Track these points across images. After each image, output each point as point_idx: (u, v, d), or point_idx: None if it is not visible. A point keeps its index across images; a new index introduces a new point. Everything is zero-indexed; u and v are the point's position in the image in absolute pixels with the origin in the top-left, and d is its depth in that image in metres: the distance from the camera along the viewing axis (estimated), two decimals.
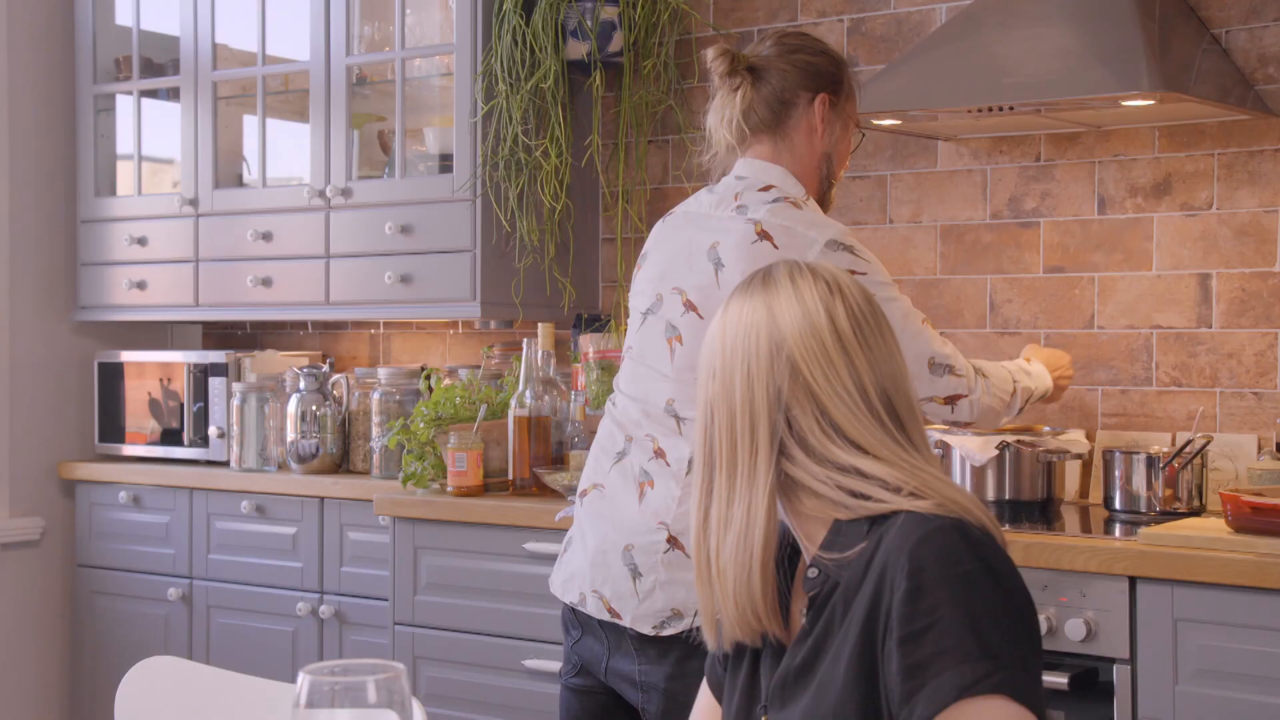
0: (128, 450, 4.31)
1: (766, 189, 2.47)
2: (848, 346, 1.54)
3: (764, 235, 2.39)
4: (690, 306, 2.43)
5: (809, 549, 1.56)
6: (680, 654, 2.36)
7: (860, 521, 1.51)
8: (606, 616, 2.41)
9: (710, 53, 2.51)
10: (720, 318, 1.60)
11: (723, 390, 1.56)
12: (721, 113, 2.53)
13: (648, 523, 2.39)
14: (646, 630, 2.37)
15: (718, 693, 1.68)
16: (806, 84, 2.52)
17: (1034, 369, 2.81)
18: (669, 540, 2.37)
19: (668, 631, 2.36)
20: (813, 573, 1.54)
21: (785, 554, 1.62)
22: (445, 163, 3.76)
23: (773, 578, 1.54)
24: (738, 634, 1.56)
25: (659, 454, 2.41)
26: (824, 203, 2.57)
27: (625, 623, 2.38)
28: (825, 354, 1.53)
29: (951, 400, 2.49)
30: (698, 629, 2.33)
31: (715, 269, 2.42)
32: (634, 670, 2.40)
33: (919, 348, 2.45)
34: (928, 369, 2.46)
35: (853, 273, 2.37)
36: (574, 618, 2.48)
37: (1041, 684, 1.43)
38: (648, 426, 2.43)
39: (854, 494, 1.50)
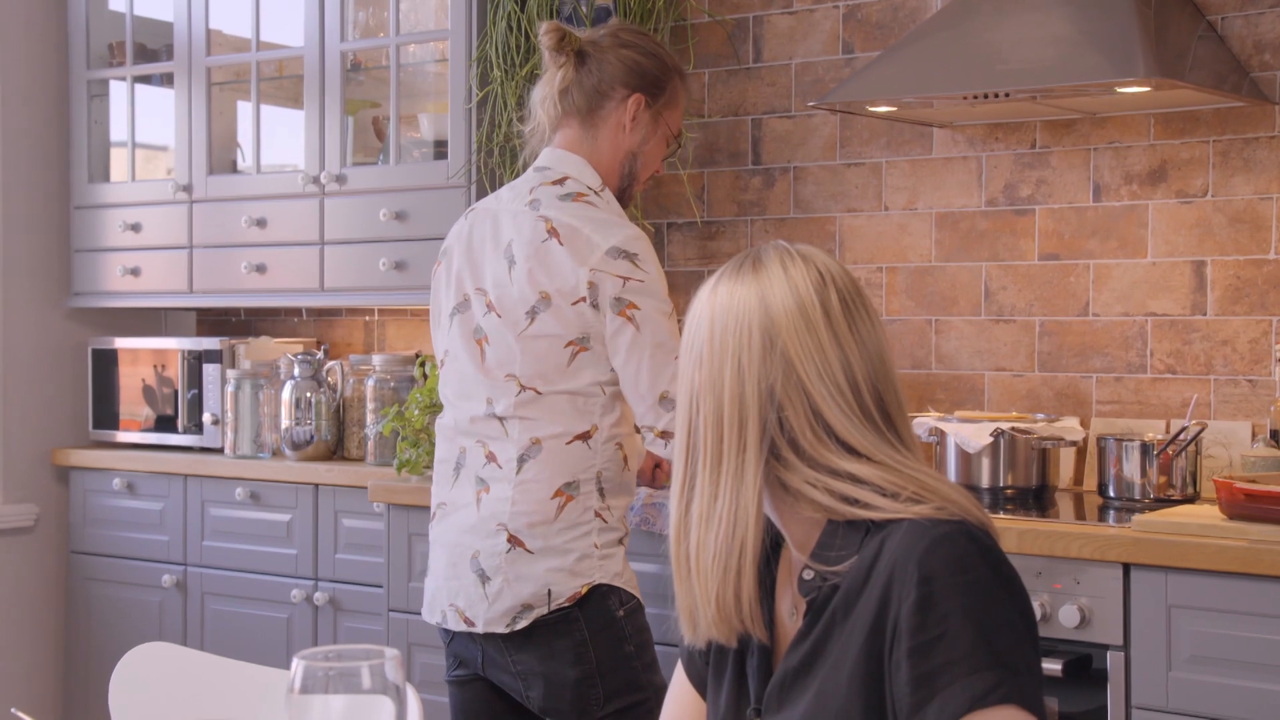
0: (122, 437, 4.30)
1: (560, 181, 2.50)
2: (841, 340, 1.50)
3: (552, 233, 2.43)
4: (491, 307, 2.48)
5: (800, 550, 1.53)
6: (544, 636, 2.43)
7: (857, 524, 1.48)
8: (463, 627, 2.48)
9: (544, 25, 2.56)
10: (707, 300, 1.54)
11: (709, 381, 1.50)
12: (544, 89, 2.58)
13: (488, 527, 2.45)
14: (500, 630, 2.44)
15: (697, 685, 1.67)
16: (626, 81, 2.55)
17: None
18: (509, 540, 2.43)
19: (520, 625, 2.43)
20: (808, 575, 1.50)
21: (765, 552, 1.59)
22: (440, 149, 3.75)
23: (757, 579, 1.50)
24: (715, 634, 1.52)
25: (490, 458, 2.47)
26: (624, 199, 2.60)
27: (479, 629, 2.45)
28: (820, 349, 1.48)
29: (666, 435, 2.43)
30: (554, 612, 2.40)
31: (509, 266, 2.46)
32: (508, 662, 2.46)
33: (658, 380, 2.41)
34: (657, 401, 2.42)
35: (628, 279, 2.39)
36: (444, 631, 2.57)
37: (1042, 685, 1.43)
38: (476, 432, 2.49)
39: (848, 500, 1.47)
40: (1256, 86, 3.05)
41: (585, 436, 2.44)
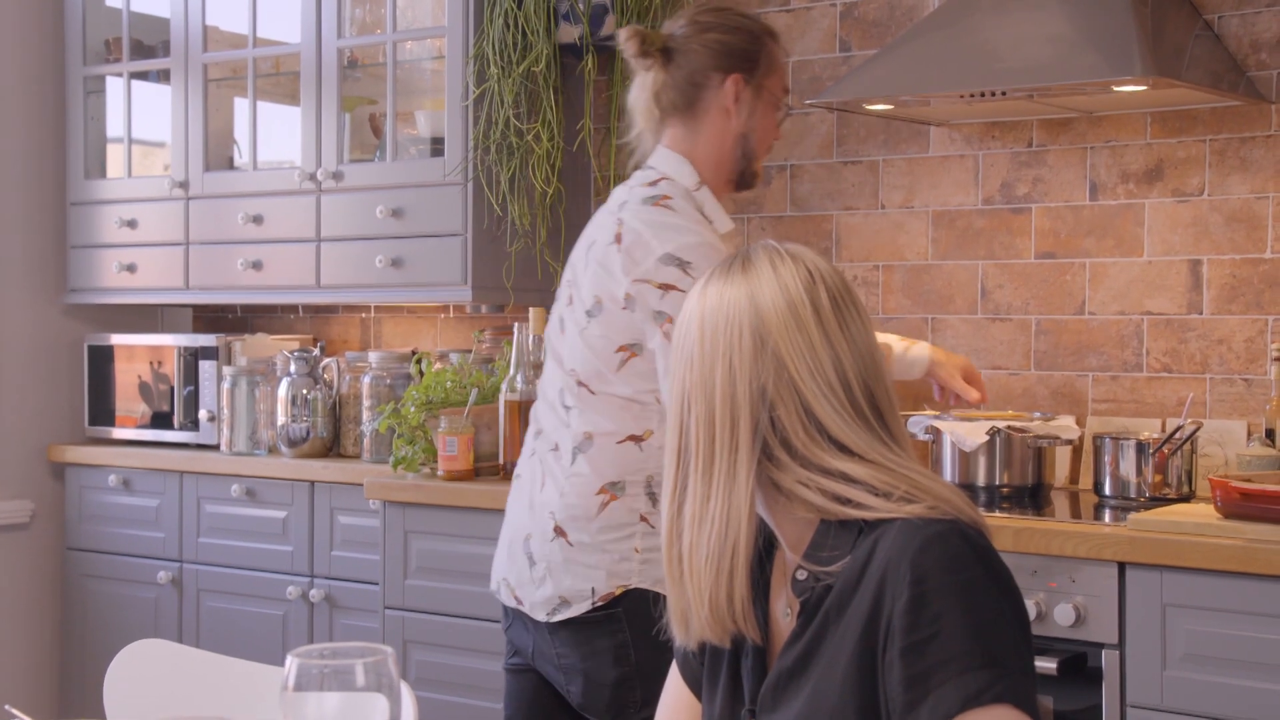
0: (118, 433, 4.30)
1: (656, 182, 2.46)
2: (832, 338, 1.50)
3: (617, 238, 2.40)
4: (570, 301, 2.49)
5: (793, 550, 1.53)
6: (588, 634, 2.43)
7: (850, 524, 1.48)
8: (514, 603, 2.48)
9: (622, 33, 2.48)
10: (696, 301, 1.54)
11: (700, 381, 1.50)
12: (637, 94, 2.52)
13: (542, 513, 2.45)
14: (540, 617, 2.44)
15: (692, 685, 1.67)
16: (718, 64, 2.47)
17: None
18: (555, 530, 2.42)
19: (557, 618, 2.43)
20: (801, 575, 1.50)
21: (759, 552, 1.59)
22: (436, 146, 3.75)
23: (749, 580, 1.50)
24: (708, 634, 1.52)
25: (556, 447, 2.47)
26: (747, 180, 2.55)
27: (525, 609, 2.46)
28: (811, 347, 1.48)
29: None
30: (594, 610, 2.40)
31: (584, 265, 2.46)
32: (554, 654, 2.46)
33: None
34: None
35: (672, 287, 2.33)
36: (504, 605, 2.56)
37: (1035, 684, 1.43)
38: (551, 419, 2.50)
39: (840, 499, 1.47)
40: (1253, 85, 3.05)
41: (638, 439, 2.41)
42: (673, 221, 2.41)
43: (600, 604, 2.40)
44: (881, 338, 3.00)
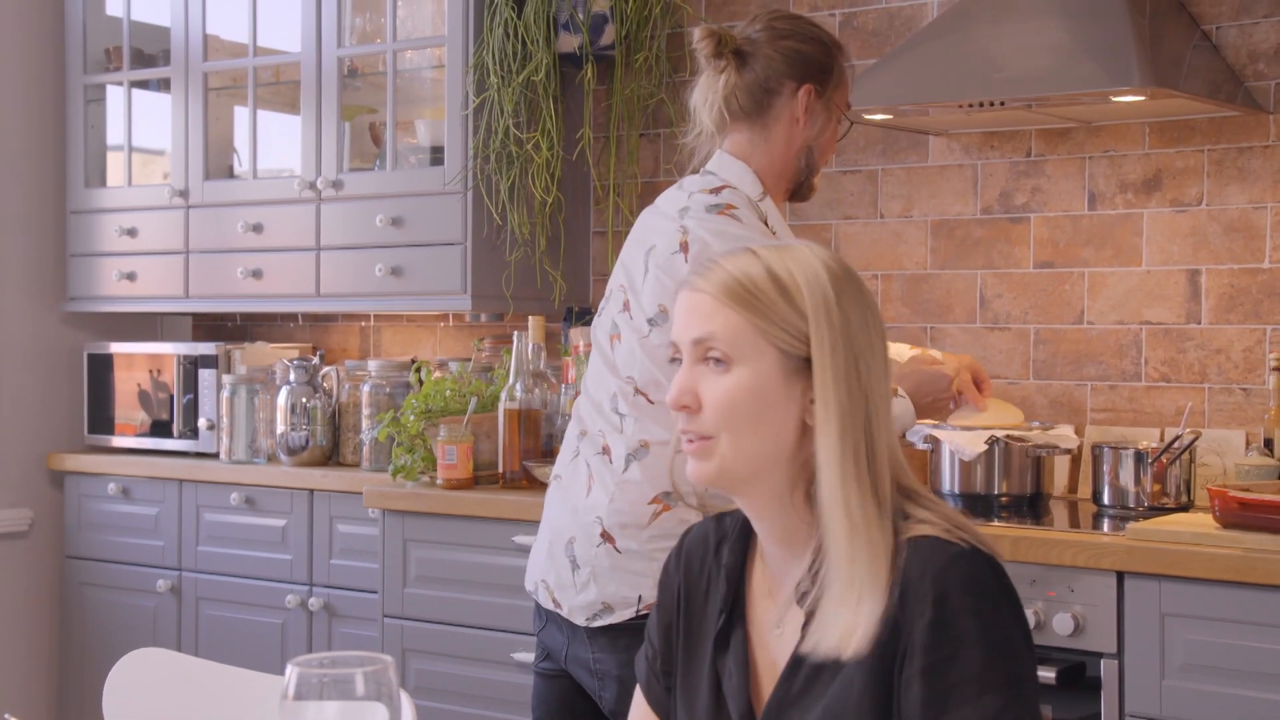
0: (117, 442, 4.30)
1: (718, 190, 2.44)
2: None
3: (683, 247, 2.38)
4: (626, 307, 2.45)
5: (798, 558, 1.52)
6: (629, 641, 2.40)
7: None
8: (551, 606, 2.46)
9: (696, 33, 2.46)
10: (826, 274, 1.52)
11: (859, 377, 1.50)
12: (705, 95, 2.48)
13: (587, 517, 2.43)
14: (580, 621, 2.42)
15: (656, 708, 1.66)
16: (792, 73, 2.45)
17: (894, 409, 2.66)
18: (602, 535, 2.40)
19: (598, 623, 2.41)
20: (806, 586, 1.50)
21: (741, 545, 1.59)
22: (436, 155, 3.76)
23: None
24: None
25: (605, 450, 2.44)
26: (804, 192, 2.55)
27: (564, 613, 2.44)
28: (890, 360, 1.56)
29: None
30: (638, 618, 2.37)
31: (644, 271, 2.43)
32: (590, 658, 2.44)
33: None
34: None
35: None
36: (538, 606, 2.54)
37: (1039, 700, 1.45)
38: (599, 422, 2.47)
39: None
40: (1251, 96, 3.06)
41: None
42: (740, 234, 2.38)
43: (645, 612, 2.38)
44: (899, 346, 2.98)
